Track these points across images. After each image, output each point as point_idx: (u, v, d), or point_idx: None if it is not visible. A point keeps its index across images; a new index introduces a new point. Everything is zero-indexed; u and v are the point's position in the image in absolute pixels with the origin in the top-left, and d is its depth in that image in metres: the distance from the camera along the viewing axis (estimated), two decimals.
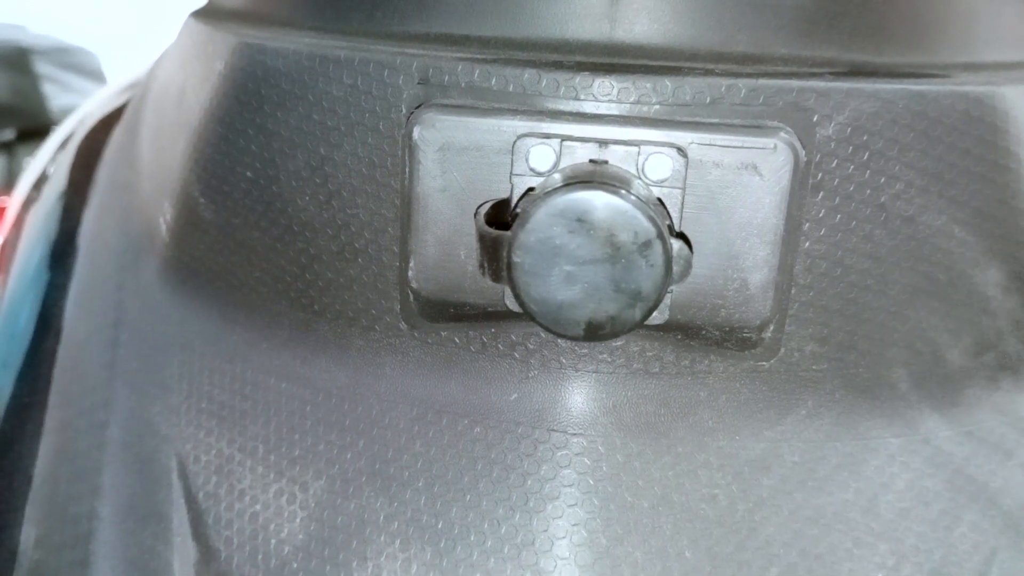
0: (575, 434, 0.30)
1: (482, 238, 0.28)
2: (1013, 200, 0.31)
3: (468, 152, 0.28)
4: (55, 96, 1.86)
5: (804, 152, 0.28)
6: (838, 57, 0.30)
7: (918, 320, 0.31)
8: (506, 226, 0.27)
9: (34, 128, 1.76)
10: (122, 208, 0.42)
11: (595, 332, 0.27)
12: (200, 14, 0.39)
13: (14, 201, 0.55)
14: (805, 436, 0.31)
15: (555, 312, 0.27)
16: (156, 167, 0.40)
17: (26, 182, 0.56)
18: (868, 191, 0.29)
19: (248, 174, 0.34)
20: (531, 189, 0.28)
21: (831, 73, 0.29)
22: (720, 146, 0.28)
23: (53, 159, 0.55)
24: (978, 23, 0.33)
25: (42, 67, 1.85)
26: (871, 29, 0.31)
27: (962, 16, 0.32)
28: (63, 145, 0.55)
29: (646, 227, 0.26)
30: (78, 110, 0.62)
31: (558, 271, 0.27)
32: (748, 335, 0.30)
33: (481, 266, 0.29)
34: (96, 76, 1.96)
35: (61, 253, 0.44)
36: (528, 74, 0.28)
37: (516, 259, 0.27)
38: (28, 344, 0.41)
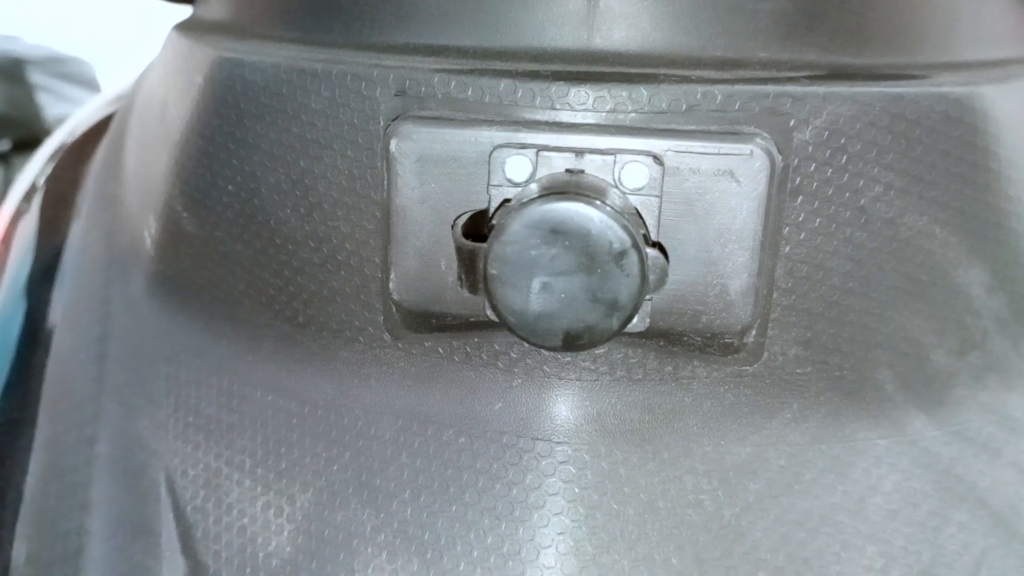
0: (560, 442, 0.30)
1: (459, 250, 0.28)
2: (994, 199, 0.31)
3: (446, 163, 0.28)
4: (50, 106, 1.86)
5: (781, 157, 0.28)
6: (818, 60, 0.30)
7: (902, 321, 0.31)
8: (484, 237, 0.27)
9: (29, 138, 1.76)
10: (108, 221, 0.42)
11: (573, 342, 0.27)
12: (182, 27, 0.39)
13: (4, 213, 0.55)
14: (791, 440, 0.31)
15: (532, 323, 0.27)
16: (140, 180, 0.40)
17: (16, 194, 0.56)
18: (848, 194, 0.29)
19: (230, 187, 0.34)
20: (507, 200, 0.28)
21: (807, 77, 0.29)
22: (697, 153, 0.27)
23: (43, 171, 0.55)
24: (959, 22, 0.33)
25: (37, 77, 1.85)
26: (851, 31, 0.31)
27: (943, 15, 0.32)
28: (53, 157, 0.55)
29: (621, 237, 0.26)
30: (67, 122, 0.62)
31: (535, 282, 0.27)
32: (730, 340, 0.30)
33: (459, 278, 0.29)
34: (91, 85, 1.96)
35: (49, 266, 0.44)
36: (504, 84, 0.28)
37: (492, 271, 0.27)
38: (18, 358, 0.41)
